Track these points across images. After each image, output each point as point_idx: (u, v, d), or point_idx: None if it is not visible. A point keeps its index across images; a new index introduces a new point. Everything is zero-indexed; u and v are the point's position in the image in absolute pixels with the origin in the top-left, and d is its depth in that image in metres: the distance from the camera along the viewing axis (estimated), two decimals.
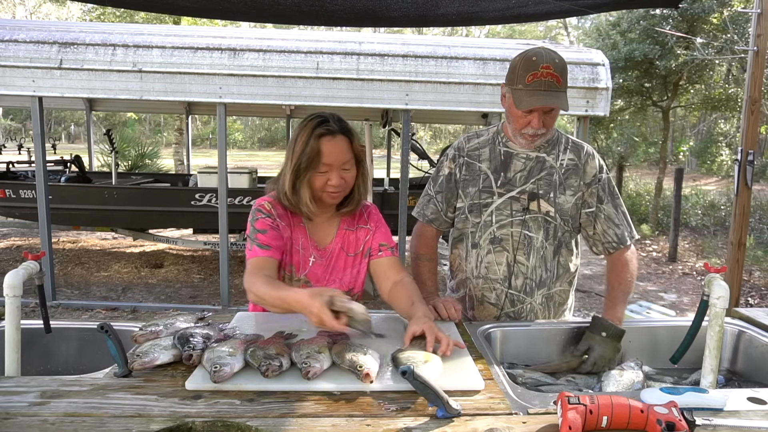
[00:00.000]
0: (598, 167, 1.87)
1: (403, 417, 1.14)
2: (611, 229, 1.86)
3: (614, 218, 1.86)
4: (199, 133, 30.03)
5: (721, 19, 8.96)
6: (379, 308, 2.01)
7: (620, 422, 1.07)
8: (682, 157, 16.87)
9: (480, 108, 5.00)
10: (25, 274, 1.43)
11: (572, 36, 29.45)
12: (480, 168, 1.90)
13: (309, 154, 1.57)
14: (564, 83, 1.72)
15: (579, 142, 1.92)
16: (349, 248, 1.78)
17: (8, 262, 6.84)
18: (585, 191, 1.86)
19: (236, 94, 4.79)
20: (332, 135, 1.58)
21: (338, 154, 1.59)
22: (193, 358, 1.33)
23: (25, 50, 4.69)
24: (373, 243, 1.79)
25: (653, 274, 7.26)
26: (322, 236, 1.75)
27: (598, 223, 1.87)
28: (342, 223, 1.77)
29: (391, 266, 1.77)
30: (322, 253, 1.74)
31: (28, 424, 1.08)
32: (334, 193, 1.64)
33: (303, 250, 1.72)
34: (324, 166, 1.59)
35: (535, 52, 1.71)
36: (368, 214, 1.83)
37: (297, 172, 1.60)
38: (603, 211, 1.86)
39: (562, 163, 1.85)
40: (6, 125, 28.14)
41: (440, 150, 8.48)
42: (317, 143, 1.57)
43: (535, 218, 1.84)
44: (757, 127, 3.64)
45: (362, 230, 1.79)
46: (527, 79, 1.69)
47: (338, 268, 1.76)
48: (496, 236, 1.87)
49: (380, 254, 1.78)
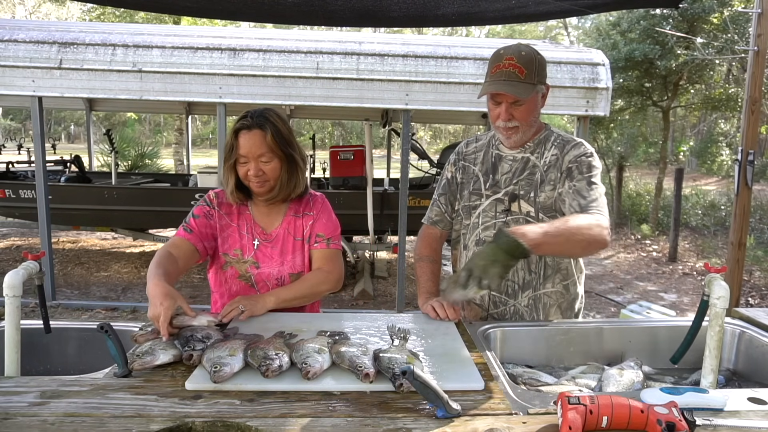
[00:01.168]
0: (579, 153, 1.77)
1: (403, 417, 1.14)
2: (575, 201, 1.70)
3: (582, 191, 1.70)
4: (199, 133, 30.02)
5: (721, 19, 8.95)
6: (379, 308, 2.02)
7: (620, 422, 1.07)
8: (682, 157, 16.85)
9: (480, 108, 4.99)
10: (25, 274, 1.43)
11: (572, 36, 29.44)
12: (474, 171, 1.94)
13: (228, 146, 1.77)
14: (529, 75, 1.72)
15: (569, 138, 1.85)
16: (296, 233, 1.89)
17: (8, 262, 6.84)
18: (561, 180, 1.77)
19: (236, 94, 4.79)
20: (248, 129, 1.73)
21: (251, 146, 1.72)
22: (193, 358, 1.34)
23: (24, 50, 4.69)
24: (312, 231, 1.89)
25: (653, 274, 7.26)
26: (268, 222, 1.88)
27: (568, 198, 1.72)
28: (289, 210, 1.90)
29: (318, 258, 1.88)
30: (267, 237, 1.87)
31: (27, 425, 1.08)
32: (257, 183, 1.76)
33: (248, 234, 1.86)
34: (242, 158, 1.74)
35: (504, 47, 1.76)
36: (313, 202, 1.93)
37: (224, 163, 1.80)
38: (573, 187, 1.72)
39: (545, 160, 1.83)
40: (6, 125, 28.14)
41: (440, 150, 8.47)
42: (235, 136, 1.75)
43: (517, 219, 1.83)
44: (758, 127, 3.64)
45: (307, 217, 1.90)
46: (492, 71, 1.75)
47: (287, 250, 1.87)
48: (481, 238, 1.89)
49: (315, 245, 1.88)
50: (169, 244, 1.80)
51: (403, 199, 5.06)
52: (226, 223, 1.86)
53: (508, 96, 1.74)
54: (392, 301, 5.61)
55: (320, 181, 7.12)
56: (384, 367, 1.26)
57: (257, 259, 1.84)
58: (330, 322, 1.67)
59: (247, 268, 1.84)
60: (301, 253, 1.88)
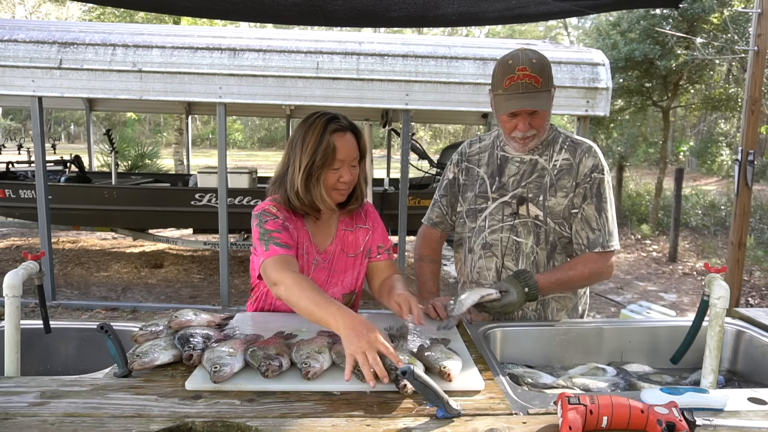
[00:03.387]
0: (592, 166, 1.77)
1: (403, 417, 1.14)
2: (584, 231, 1.77)
3: (592, 222, 1.76)
4: (199, 133, 30.02)
5: (721, 19, 8.95)
6: (379, 308, 2.02)
7: (620, 422, 1.07)
8: (682, 157, 16.85)
9: (480, 108, 5.00)
10: (25, 274, 1.43)
11: (572, 36, 29.45)
12: (478, 173, 1.91)
13: (324, 150, 1.57)
14: (545, 82, 1.68)
15: (579, 140, 1.84)
16: (349, 249, 1.77)
17: (8, 262, 6.83)
18: (575, 191, 1.78)
19: (236, 94, 4.79)
20: (344, 131, 1.61)
21: (350, 150, 1.62)
22: (193, 358, 1.33)
23: (24, 50, 4.69)
24: (372, 244, 1.80)
25: (653, 274, 7.26)
26: (322, 238, 1.74)
27: (575, 222, 1.78)
28: (340, 224, 1.76)
29: (386, 268, 1.82)
30: (323, 256, 1.73)
31: (27, 425, 1.08)
32: (344, 190, 1.65)
33: (307, 254, 1.70)
34: (338, 162, 1.60)
35: (512, 56, 1.69)
36: (366, 213, 1.83)
37: (310, 170, 1.59)
38: (583, 210, 1.77)
39: (555, 164, 1.80)
40: (6, 125, 28.13)
41: (440, 150, 8.47)
42: (332, 139, 1.58)
43: (525, 223, 1.81)
44: (758, 127, 3.63)
45: (361, 230, 1.79)
46: (505, 84, 1.67)
47: (338, 270, 1.76)
48: (487, 241, 1.86)
49: (378, 257, 1.81)
50: (283, 263, 1.50)
51: (403, 199, 5.07)
52: (296, 239, 1.67)
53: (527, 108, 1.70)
54: None
55: None
56: (386, 368, 1.26)
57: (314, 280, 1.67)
58: None
59: None
60: (352, 270, 1.77)
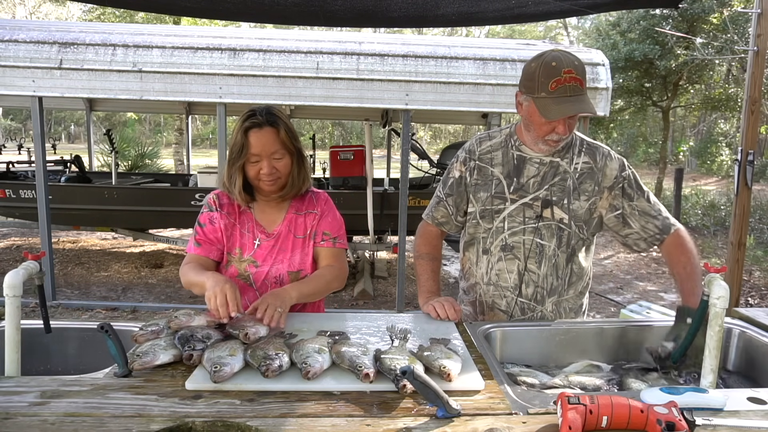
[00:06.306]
0: (619, 166, 1.80)
1: (403, 417, 1.14)
2: (650, 223, 1.78)
3: (650, 211, 1.78)
4: (199, 133, 30.03)
5: (721, 19, 8.96)
6: (379, 308, 2.02)
7: (620, 422, 1.07)
8: (682, 157, 16.86)
9: (480, 108, 5.00)
10: (25, 274, 1.43)
11: (572, 36, 29.45)
12: (492, 173, 1.86)
13: (239, 146, 1.72)
14: (585, 84, 1.65)
15: (595, 144, 1.84)
16: (297, 231, 1.88)
17: (8, 262, 6.83)
18: (607, 194, 1.79)
19: (236, 94, 4.79)
20: (259, 127, 1.71)
21: (264, 144, 1.71)
22: (193, 358, 1.34)
23: (25, 50, 4.69)
24: (318, 229, 1.88)
25: (653, 274, 7.26)
26: (269, 221, 1.87)
27: (633, 220, 1.79)
28: (291, 208, 1.89)
29: (326, 256, 1.87)
30: (269, 236, 1.86)
31: (28, 424, 1.08)
32: (269, 181, 1.75)
33: (249, 233, 1.86)
34: (253, 156, 1.72)
35: (553, 57, 1.63)
36: (317, 199, 1.91)
37: (231, 164, 1.76)
38: (636, 208, 1.78)
39: (576, 167, 1.79)
40: (6, 125, 28.14)
41: (440, 150, 8.47)
42: (245, 136, 1.71)
43: (549, 226, 1.80)
44: (757, 127, 3.64)
45: (310, 215, 1.89)
46: (551, 86, 1.61)
47: (286, 249, 1.86)
48: (507, 243, 1.83)
49: (322, 243, 1.87)
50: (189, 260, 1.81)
51: (403, 199, 5.06)
52: (229, 223, 1.85)
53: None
54: (392, 301, 5.61)
55: (320, 181, 7.12)
56: (386, 368, 1.26)
57: (256, 258, 1.83)
58: (330, 322, 1.67)
59: (246, 267, 1.83)
60: (300, 251, 1.86)
